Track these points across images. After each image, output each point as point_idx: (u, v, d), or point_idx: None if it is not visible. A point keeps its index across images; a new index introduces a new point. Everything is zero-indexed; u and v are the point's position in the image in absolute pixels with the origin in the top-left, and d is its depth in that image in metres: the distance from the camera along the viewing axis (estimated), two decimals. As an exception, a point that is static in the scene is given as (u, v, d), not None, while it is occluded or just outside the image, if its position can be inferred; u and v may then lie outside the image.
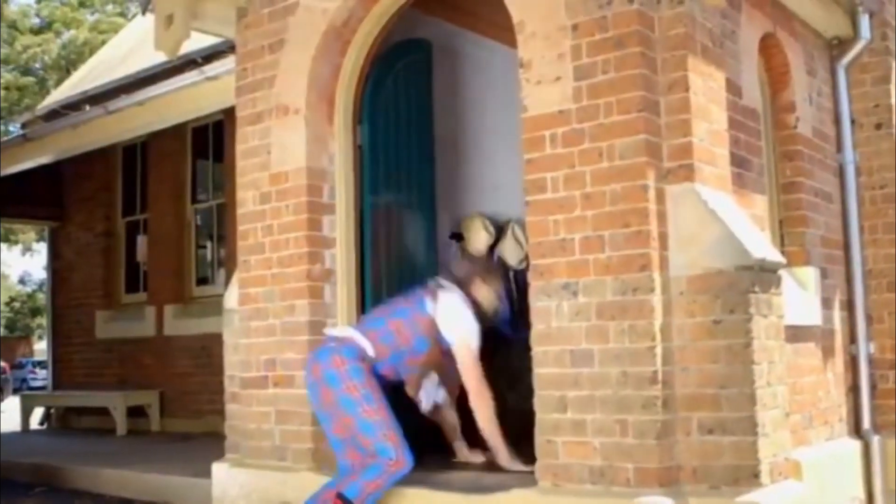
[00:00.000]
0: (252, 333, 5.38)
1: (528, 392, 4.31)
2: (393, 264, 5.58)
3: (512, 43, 4.50)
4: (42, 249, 11.48)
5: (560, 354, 4.17)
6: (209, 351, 8.68)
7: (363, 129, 5.41)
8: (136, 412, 9.81)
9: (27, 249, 29.08)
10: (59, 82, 26.11)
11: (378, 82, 5.51)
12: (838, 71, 6.04)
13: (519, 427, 4.66)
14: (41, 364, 25.49)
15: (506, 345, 6.76)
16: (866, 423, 5.83)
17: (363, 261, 5.39)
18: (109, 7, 28.75)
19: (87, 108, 8.71)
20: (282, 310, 5.23)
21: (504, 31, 4.47)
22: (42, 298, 15.60)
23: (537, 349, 4.26)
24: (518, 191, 4.44)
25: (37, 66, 25.49)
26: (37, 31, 26.22)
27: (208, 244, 10.13)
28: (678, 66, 4.14)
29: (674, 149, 4.12)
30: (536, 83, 4.31)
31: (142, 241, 10.59)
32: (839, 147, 6.02)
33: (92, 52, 23.70)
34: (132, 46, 11.28)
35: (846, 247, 5.96)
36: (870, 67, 6.06)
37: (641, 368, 3.96)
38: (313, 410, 4.80)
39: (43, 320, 16.85)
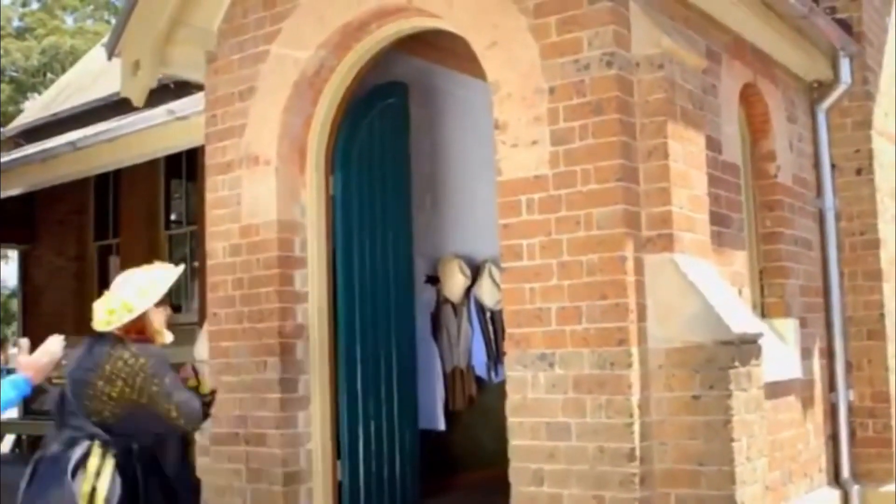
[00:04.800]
0: (222, 388, 5.20)
1: (505, 434, 4.20)
2: (367, 314, 5.44)
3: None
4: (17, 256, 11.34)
5: (536, 426, 4.07)
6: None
7: (336, 178, 5.27)
8: (108, 441, 9.61)
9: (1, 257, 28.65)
10: (35, 87, 25.81)
11: (352, 130, 5.37)
12: (818, 115, 5.99)
13: (495, 471, 4.55)
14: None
15: (483, 387, 6.71)
16: (846, 472, 5.80)
17: (336, 313, 5.26)
18: (90, 8, 28.40)
19: (55, 139, 8.49)
20: (253, 366, 5.10)
21: (482, 67, 4.35)
22: (16, 305, 15.37)
23: (512, 420, 4.16)
24: (495, 229, 4.32)
25: (14, 71, 25.10)
26: (17, 36, 25.84)
27: (182, 272, 9.92)
28: (658, 132, 4.04)
29: (653, 217, 4.03)
30: (512, 146, 4.20)
31: (115, 263, 10.39)
32: (819, 192, 5.98)
33: (76, 60, 23.45)
34: (104, 65, 11.05)
35: (826, 293, 5.92)
36: (850, 111, 6.01)
37: (619, 445, 3.87)
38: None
39: (15, 327, 16.58)
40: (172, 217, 10.06)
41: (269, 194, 5.08)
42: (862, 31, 6.03)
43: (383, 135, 5.68)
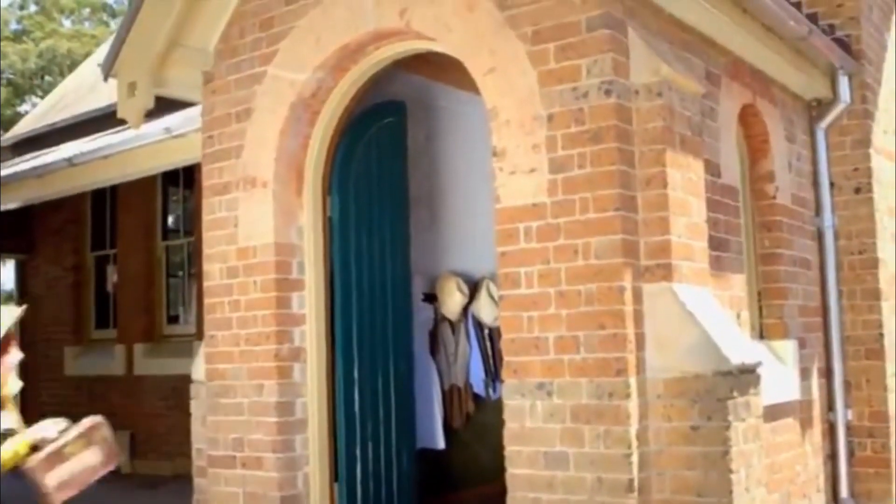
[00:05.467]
0: (219, 410, 5.23)
1: (502, 451, 4.18)
2: (365, 335, 5.42)
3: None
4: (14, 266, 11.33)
5: (534, 455, 4.05)
6: (180, 392, 8.44)
7: (333, 199, 5.25)
8: (105, 452, 9.59)
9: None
10: (32, 90, 25.76)
11: (349, 150, 5.35)
12: (817, 133, 5.98)
13: (494, 487, 4.52)
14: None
15: (480, 404, 6.69)
16: (844, 491, 5.80)
17: (334, 335, 5.24)
18: (87, 10, 28.35)
19: (52, 152, 8.47)
20: (250, 389, 5.08)
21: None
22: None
23: (511, 448, 4.15)
24: (493, 244, 4.30)
25: (12, 74, 25.04)
26: (14, 39, 25.79)
27: (180, 282, 9.92)
28: (656, 160, 4.03)
29: (651, 247, 4.01)
30: (510, 173, 4.18)
31: (112, 270, 10.37)
32: (818, 211, 5.96)
33: (73, 64, 23.39)
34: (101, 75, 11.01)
35: (824, 312, 5.90)
36: (849, 130, 6.00)
37: (617, 475, 3.85)
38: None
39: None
40: (170, 221, 10.03)
41: (266, 217, 5.06)
42: (861, 49, 6.02)
43: (381, 154, 5.66)
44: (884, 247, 5.99)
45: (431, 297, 6.45)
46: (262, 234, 5.06)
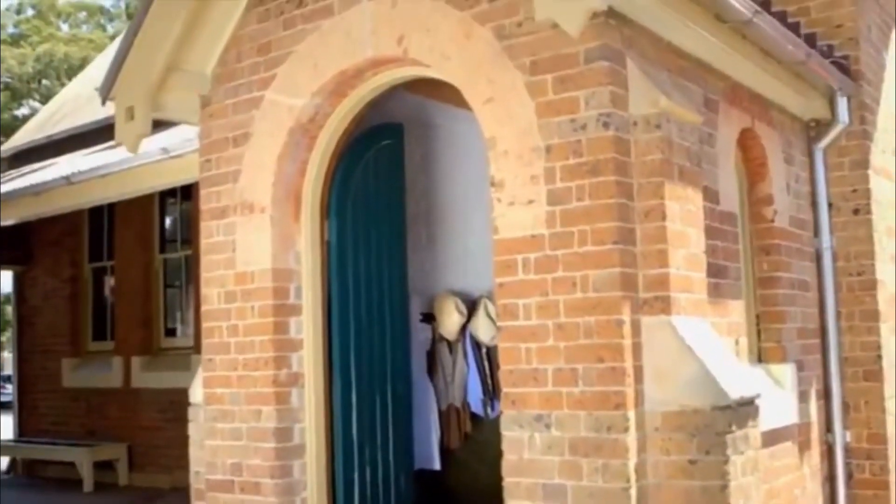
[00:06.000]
0: (217, 435, 5.22)
1: (500, 470, 4.17)
2: (363, 359, 5.42)
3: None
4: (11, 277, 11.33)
5: (532, 487, 4.05)
6: (177, 405, 8.46)
7: (331, 223, 5.24)
8: (104, 464, 9.60)
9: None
10: (30, 93, 25.72)
11: (347, 174, 5.34)
12: (816, 154, 5.97)
13: None
14: (8, 379, 25.13)
15: (478, 423, 6.67)
16: (842, 513, 5.78)
17: (332, 359, 5.24)
18: (84, 14, 28.32)
19: (49, 167, 8.45)
20: (248, 414, 5.07)
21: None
22: (10, 311, 15.33)
23: (509, 479, 4.14)
24: (491, 262, 4.29)
25: (9, 78, 25.02)
26: (12, 43, 25.77)
27: (177, 295, 9.91)
28: (655, 193, 4.02)
29: (650, 279, 4.00)
30: (509, 204, 4.17)
31: (110, 282, 10.37)
32: (816, 231, 5.95)
33: (70, 68, 23.35)
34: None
35: (823, 334, 5.90)
36: (848, 151, 5.99)
37: (616, 509, 3.85)
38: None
39: (9, 334, 16.55)
40: (167, 225, 10.00)
41: (263, 242, 5.05)
42: (860, 70, 6.01)
43: (378, 177, 5.65)
44: (882, 268, 5.99)
45: (429, 317, 6.44)
46: (260, 260, 5.05)
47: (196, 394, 5.48)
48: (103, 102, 5.31)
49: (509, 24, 4.21)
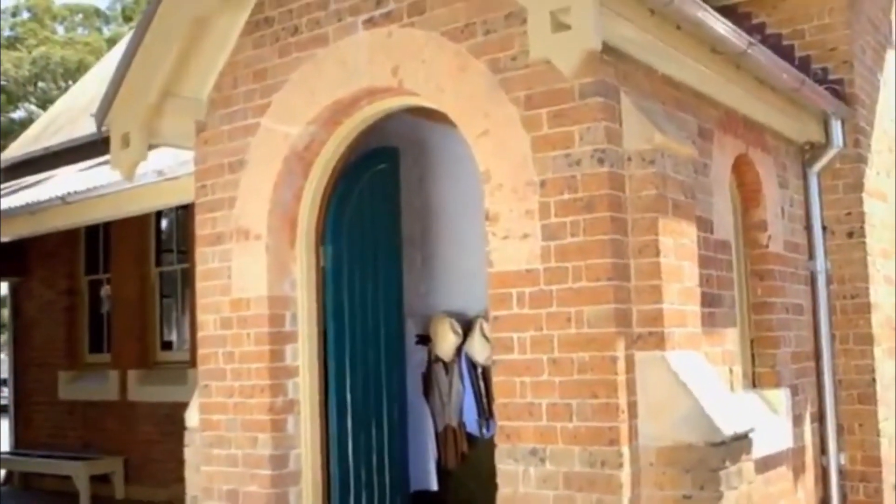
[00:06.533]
0: (214, 461, 5.23)
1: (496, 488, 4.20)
2: (358, 384, 5.43)
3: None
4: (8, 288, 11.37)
5: (527, 521, 4.06)
6: (173, 419, 8.47)
7: (326, 250, 5.25)
8: (100, 477, 9.60)
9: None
10: (26, 97, 25.67)
11: (342, 199, 5.35)
12: (810, 177, 5.99)
13: None
14: (4, 382, 25.13)
15: (474, 442, 6.68)
16: (837, 536, 5.80)
17: (327, 384, 5.25)
18: (80, 17, 28.28)
19: (47, 174, 8.45)
20: (244, 441, 5.08)
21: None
22: (5, 314, 15.36)
23: (504, 513, 4.16)
24: (486, 283, 4.28)
25: (5, 81, 24.98)
26: (7, 46, 25.73)
27: (173, 308, 9.91)
28: (649, 228, 4.03)
29: (644, 314, 4.02)
30: (503, 238, 4.18)
31: (105, 290, 10.36)
32: (811, 254, 5.97)
33: (66, 71, 23.30)
34: (94, 95, 10.99)
35: (817, 357, 5.92)
36: (842, 174, 6.01)
37: (610, 545, 3.87)
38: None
39: (5, 336, 16.55)
40: (163, 238, 10.00)
41: (259, 269, 5.06)
42: (854, 93, 6.03)
43: (374, 201, 5.66)
44: (876, 290, 6.01)
45: (425, 339, 6.45)
46: (256, 287, 5.06)
47: (192, 418, 5.49)
48: (99, 129, 5.32)
49: (504, 58, 4.22)
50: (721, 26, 4.38)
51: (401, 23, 4.59)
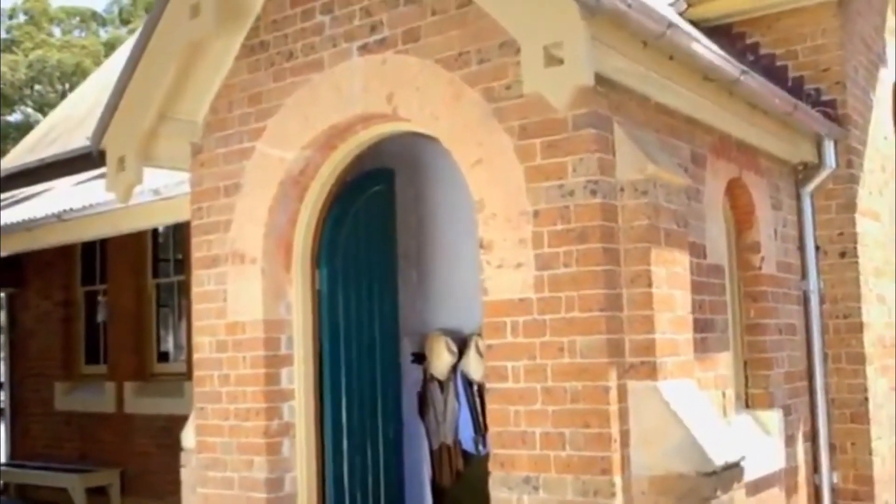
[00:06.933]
0: (209, 483, 5.25)
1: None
2: (354, 405, 5.45)
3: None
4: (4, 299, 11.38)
5: (521, 549, 4.09)
6: (170, 431, 8.49)
7: (322, 272, 5.27)
8: (97, 489, 9.62)
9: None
10: (23, 100, 25.65)
11: (337, 222, 5.37)
12: (803, 197, 6.03)
13: None
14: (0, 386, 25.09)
15: (469, 460, 6.71)
16: (829, 554, 5.84)
17: (323, 406, 5.27)
18: (76, 20, 28.26)
19: (42, 186, 8.45)
20: (240, 463, 5.11)
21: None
22: (2, 325, 15.35)
23: (498, 540, 4.19)
24: (481, 300, 4.31)
25: (1, 84, 24.96)
26: (4, 49, 25.72)
27: (170, 320, 9.92)
28: (641, 258, 4.06)
29: (636, 344, 4.05)
30: (497, 267, 4.21)
31: (102, 301, 10.37)
32: (803, 274, 6.00)
33: (63, 74, 23.27)
34: (91, 106, 11.01)
35: (810, 376, 5.96)
36: (835, 194, 6.05)
37: (602, 574, 3.90)
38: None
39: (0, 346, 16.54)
40: (160, 250, 10.00)
41: (254, 294, 5.08)
42: (847, 114, 6.06)
43: (369, 223, 5.68)
44: (868, 310, 6.05)
45: (420, 357, 6.47)
46: (251, 311, 5.08)
47: (188, 439, 5.52)
48: (95, 152, 5.34)
49: (498, 87, 4.25)
50: (713, 56, 4.42)
51: (395, 49, 4.62)
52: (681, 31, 4.12)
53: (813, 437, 5.89)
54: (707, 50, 4.35)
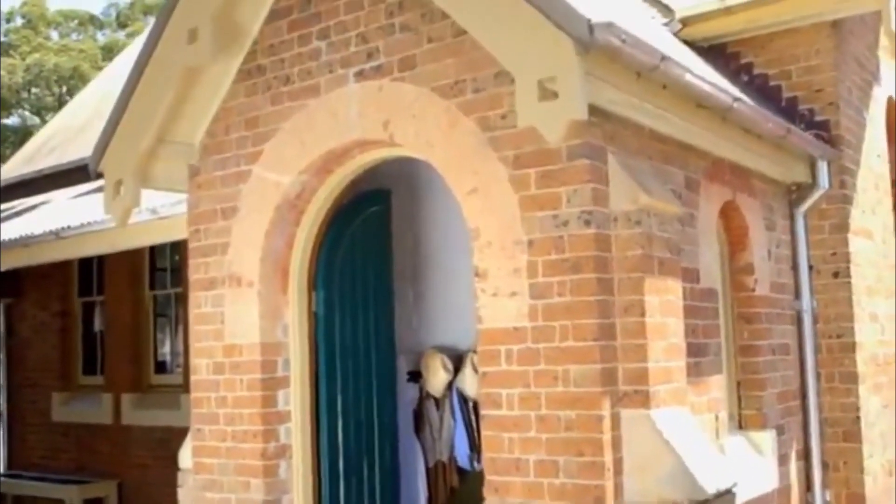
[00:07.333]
0: (207, 504, 5.29)
1: None
2: (350, 425, 5.49)
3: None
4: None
5: (515, 575, 4.13)
6: (167, 443, 8.53)
7: (318, 295, 5.31)
8: (94, 501, 9.65)
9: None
10: (20, 104, 25.65)
11: (334, 244, 5.41)
12: (797, 217, 6.07)
13: None
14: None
15: (465, 476, 6.75)
16: (822, 573, 5.88)
17: (319, 427, 5.31)
18: (74, 23, 28.26)
19: (40, 197, 8.47)
20: (237, 485, 5.14)
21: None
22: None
23: (492, 567, 4.23)
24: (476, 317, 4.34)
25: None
26: (1, 52, 25.71)
27: (167, 331, 9.95)
28: (635, 288, 4.10)
29: (629, 373, 4.09)
30: (492, 295, 4.25)
31: (101, 316, 10.40)
32: (797, 294, 6.04)
33: (61, 78, 23.27)
34: (89, 116, 11.04)
35: (803, 395, 6.00)
36: (828, 214, 6.09)
37: None
38: None
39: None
40: (157, 261, 10.02)
41: (251, 317, 5.11)
42: (840, 135, 6.11)
43: (366, 244, 5.72)
44: (861, 329, 6.09)
45: (416, 375, 6.51)
46: (248, 334, 5.12)
47: (185, 459, 5.55)
48: (92, 175, 5.37)
49: (493, 116, 4.29)
50: (706, 85, 4.46)
51: (391, 76, 4.65)
52: (674, 63, 4.16)
53: (806, 456, 5.94)
54: (700, 80, 4.39)
